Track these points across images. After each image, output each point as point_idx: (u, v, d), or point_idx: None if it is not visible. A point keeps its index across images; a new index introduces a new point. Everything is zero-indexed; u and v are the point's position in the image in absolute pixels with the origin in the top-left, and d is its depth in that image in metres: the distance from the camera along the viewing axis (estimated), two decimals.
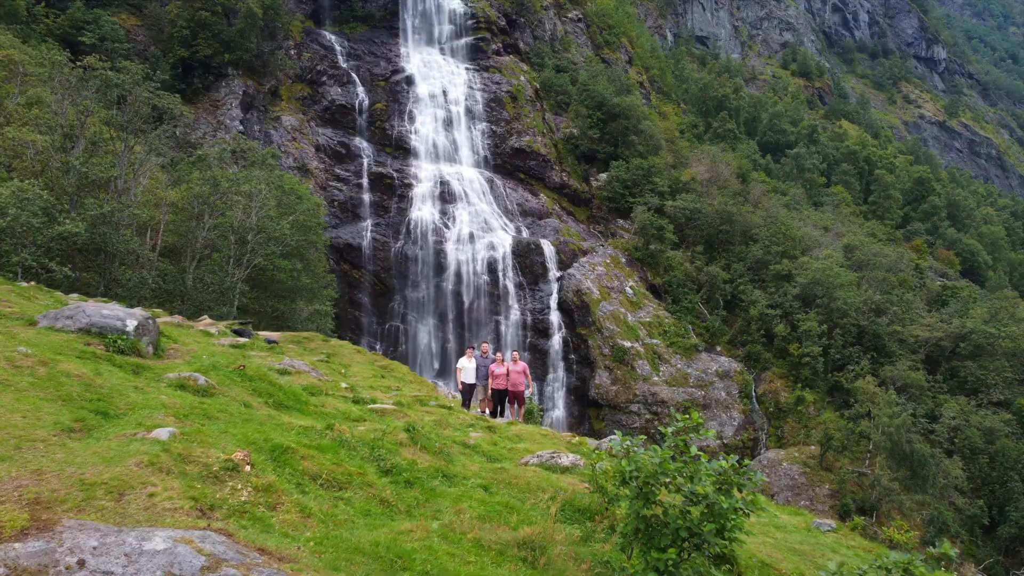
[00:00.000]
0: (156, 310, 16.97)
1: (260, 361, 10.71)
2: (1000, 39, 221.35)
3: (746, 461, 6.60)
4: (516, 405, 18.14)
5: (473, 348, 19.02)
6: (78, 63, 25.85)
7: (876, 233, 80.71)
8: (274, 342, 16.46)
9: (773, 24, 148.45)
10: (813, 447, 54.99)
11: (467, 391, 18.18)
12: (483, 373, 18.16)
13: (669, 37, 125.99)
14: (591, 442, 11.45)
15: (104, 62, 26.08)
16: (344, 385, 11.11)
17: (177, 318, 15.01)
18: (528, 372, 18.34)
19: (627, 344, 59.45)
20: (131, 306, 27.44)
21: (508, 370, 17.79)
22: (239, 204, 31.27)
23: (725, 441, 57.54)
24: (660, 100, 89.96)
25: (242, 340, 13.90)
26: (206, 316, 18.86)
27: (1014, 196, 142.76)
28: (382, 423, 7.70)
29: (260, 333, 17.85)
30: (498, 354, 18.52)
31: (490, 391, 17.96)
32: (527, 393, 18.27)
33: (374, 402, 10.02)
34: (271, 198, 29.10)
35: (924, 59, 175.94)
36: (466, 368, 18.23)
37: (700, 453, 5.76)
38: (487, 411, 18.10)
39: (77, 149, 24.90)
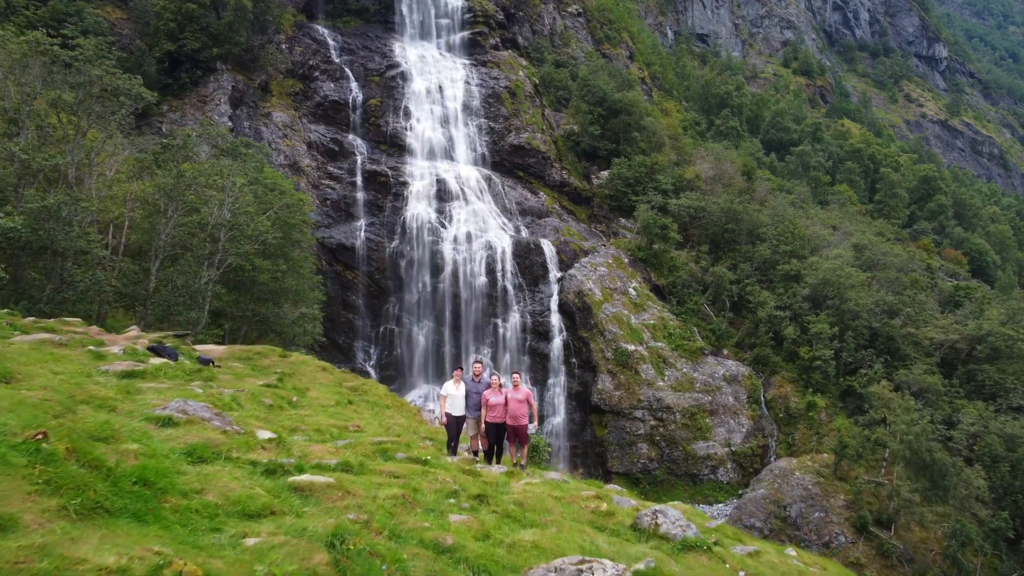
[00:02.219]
0: (70, 319, 13.69)
1: (150, 398, 7.52)
2: (1000, 38, 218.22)
3: None
4: (517, 443, 14.18)
5: (461, 370, 14.82)
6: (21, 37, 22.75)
7: (883, 232, 77.70)
8: (208, 361, 13.05)
9: (774, 22, 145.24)
10: (826, 455, 51.89)
11: (453, 425, 14.25)
12: (475, 402, 14.16)
13: (669, 35, 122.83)
14: (618, 500, 8.33)
15: (53, 37, 22.92)
16: (264, 436, 7.64)
17: (93, 330, 11.87)
18: (532, 400, 14.46)
19: (630, 347, 56.35)
20: (88, 312, 24.23)
21: (507, 398, 13.96)
22: (215, 199, 28.21)
23: (734, 449, 54.50)
24: (662, 97, 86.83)
25: (156, 362, 10.61)
26: (134, 327, 15.60)
27: (1017, 195, 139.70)
28: (297, 526, 4.46)
29: (199, 348, 14.52)
30: (494, 377, 14.29)
31: (483, 425, 14.06)
32: (531, 428, 14.29)
33: (301, 469, 6.42)
34: (246, 191, 25.88)
35: (925, 58, 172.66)
36: (452, 396, 14.25)
37: None
38: (479, 452, 14.41)
39: (24, 135, 21.79)
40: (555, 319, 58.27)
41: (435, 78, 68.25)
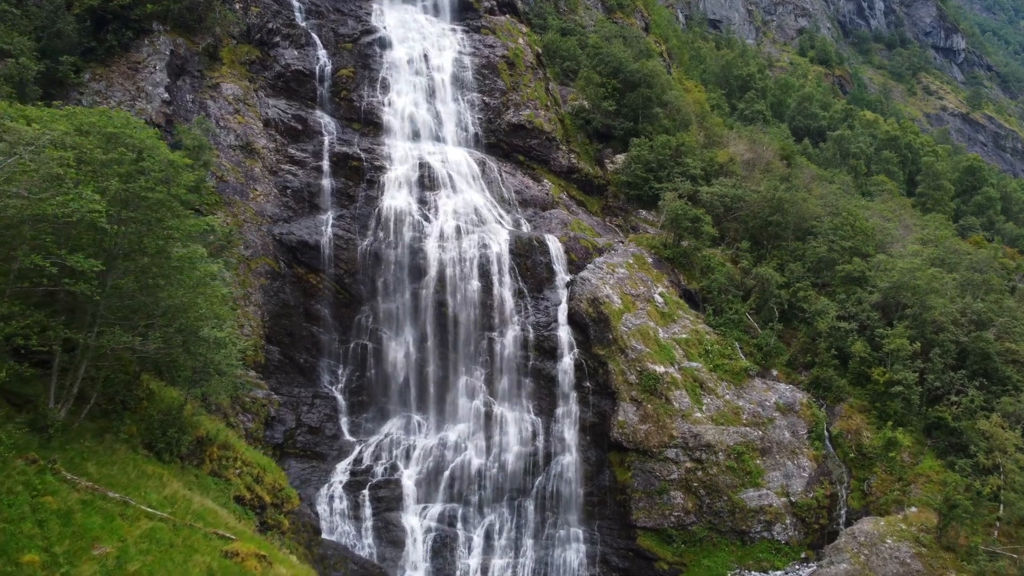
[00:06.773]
0: None
1: None
2: (1012, 32, 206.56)
3: None
4: None
5: None
6: None
7: (940, 227, 64.22)
8: None
9: (788, 9, 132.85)
10: (915, 508, 38.42)
11: None
12: None
13: (681, 18, 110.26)
14: None
15: None
16: None
17: None
18: None
19: (659, 369, 43.10)
20: None
21: None
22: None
23: (793, 499, 41.01)
24: (681, 75, 73.74)
25: None
26: None
27: None
28: None
29: None
30: None
31: None
32: None
33: None
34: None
35: (943, 49, 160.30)
36: None
37: None
38: None
39: None
40: (564, 333, 45.69)
41: (419, 45, 55.59)
